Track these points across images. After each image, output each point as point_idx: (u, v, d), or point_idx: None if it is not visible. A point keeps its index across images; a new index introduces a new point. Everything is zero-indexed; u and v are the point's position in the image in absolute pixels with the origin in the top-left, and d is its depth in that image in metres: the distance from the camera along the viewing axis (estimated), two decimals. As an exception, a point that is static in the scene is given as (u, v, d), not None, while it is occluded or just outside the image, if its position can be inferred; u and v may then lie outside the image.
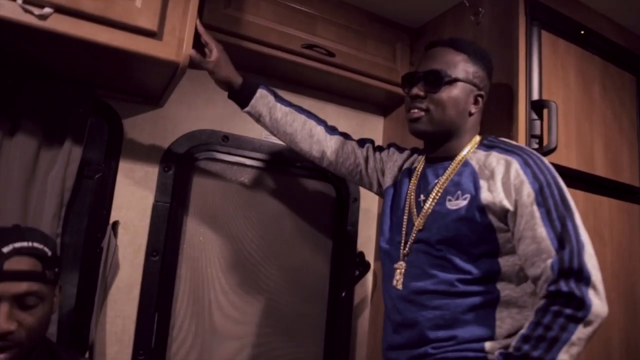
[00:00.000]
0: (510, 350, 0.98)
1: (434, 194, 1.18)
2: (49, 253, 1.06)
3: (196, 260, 1.68)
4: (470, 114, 1.20)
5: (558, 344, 0.93)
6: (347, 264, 1.89)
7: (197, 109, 1.68)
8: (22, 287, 0.97)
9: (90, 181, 1.52)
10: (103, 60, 1.28)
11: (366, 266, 1.85)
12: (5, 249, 0.97)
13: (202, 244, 1.70)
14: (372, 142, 1.49)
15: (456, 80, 1.17)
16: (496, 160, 1.11)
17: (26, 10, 1.06)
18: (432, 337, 1.09)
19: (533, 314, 0.99)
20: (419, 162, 1.32)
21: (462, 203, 1.11)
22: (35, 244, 1.02)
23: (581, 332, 0.94)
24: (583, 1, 1.68)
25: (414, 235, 1.19)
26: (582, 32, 1.65)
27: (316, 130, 1.42)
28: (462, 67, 1.19)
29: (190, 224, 1.68)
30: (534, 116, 1.44)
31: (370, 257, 1.92)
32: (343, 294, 1.83)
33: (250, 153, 1.76)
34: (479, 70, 1.21)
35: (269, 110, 1.37)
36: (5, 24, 1.06)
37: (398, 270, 1.20)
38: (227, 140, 1.71)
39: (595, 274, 0.97)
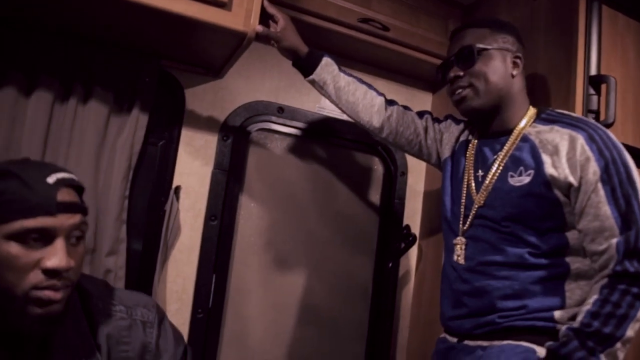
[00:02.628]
0: (578, 325, 1.00)
1: (493, 170, 1.19)
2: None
3: (252, 226, 1.75)
4: (513, 76, 1.21)
5: (627, 321, 0.97)
6: (393, 236, 1.93)
7: (255, 81, 1.74)
8: (75, 219, 0.87)
9: (154, 148, 1.60)
10: (172, 31, 1.34)
11: (412, 239, 1.89)
12: (50, 180, 0.85)
13: (257, 210, 1.77)
14: (430, 113, 1.51)
15: (487, 49, 1.19)
16: (560, 136, 1.11)
17: (109, -20, 1.13)
18: (500, 307, 1.11)
19: (597, 291, 1.01)
20: (475, 136, 1.33)
21: (526, 179, 1.11)
22: (73, 175, 0.92)
23: None
24: (645, -24, 1.65)
25: (474, 211, 1.21)
26: (643, 7, 1.62)
27: (377, 100, 1.45)
28: (490, 37, 1.21)
29: (247, 191, 1.75)
30: (592, 91, 1.44)
31: (415, 230, 1.96)
32: (390, 265, 1.88)
33: (303, 125, 1.81)
34: (506, 36, 1.22)
35: (333, 79, 1.39)
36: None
37: (458, 246, 1.23)
38: (282, 112, 1.76)
39: None
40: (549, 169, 1.08)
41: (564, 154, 1.08)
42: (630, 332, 0.97)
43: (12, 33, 1.34)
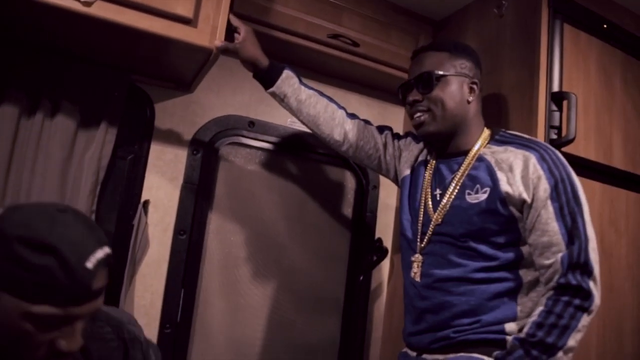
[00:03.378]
0: (524, 336, 1.05)
1: (451, 189, 1.23)
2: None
3: (221, 240, 1.75)
4: (469, 102, 1.26)
5: (568, 331, 1.02)
6: (365, 249, 1.94)
7: (226, 96, 1.75)
8: (100, 302, 0.84)
9: (123, 161, 1.59)
10: (140, 46, 1.35)
11: (384, 252, 1.90)
12: (90, 264, 0.79)
13: (227, 224, 1.76)
14: (390, 129, 1.54)
15: (445, 75, 1.24)
16: (514, 155, 1.17)
17: (73, -3, 1.13)
18: (456, 323, 1.15)
19: (543, 303, 1.06)
20: (432, 157, 1.37)
21: (483, 196, 1.16)
22: (107, 249, 0.85)
23: (585, 320, 1.03)
24: (606, -5, 1.70)
25: (432, 228, 1.24)
26: (605, 25, 1.67)
27: (337, 113, 1.47)
28: (448, 63, 1.26)
29: (217, 206, 1.75)
30: (554, 107, 1.47)
31: (388, 243, 1.97)
32: (361, 278, 1.89)
33: (275, 139, 1.82)
34: (464, 61, 1.27)
35: (293, 92, 1.41)
36: (51, 9, 1.14)
37: (415, 263, 1.26)
38: (253, 126, 1.77)
39: (597, 268, 1.06)
40: (505, 186, 1.13)
41: (518, 172, 1.13)
42: (571, 342, 1.02)
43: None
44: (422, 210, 1.29)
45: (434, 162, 1.34)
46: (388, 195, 2.03)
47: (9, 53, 1.37)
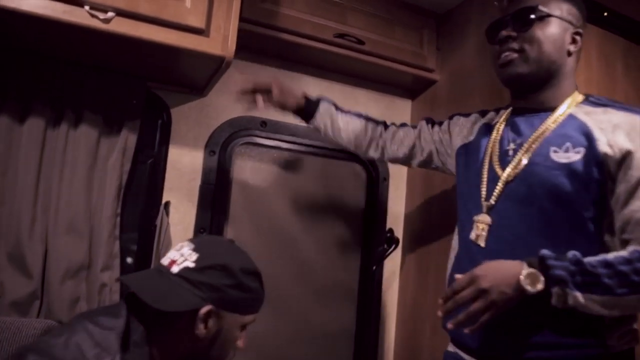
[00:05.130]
0: (585, 260, 0.90)
1: (528, 144, 1.06)
2: None
3: (238, 236, 1.82)
4: (570, 54, 1.09)
5: (633, 288, 0.88)
6: (377, 239, 2.01)
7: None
8: None
9: (144, 166, 1.67)
10: (156, 56, 1.42)
11: (395, 242, 1.96)
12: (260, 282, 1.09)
13: (243, 221, 1.84)
14: (426, 119, 1.52)
15: (549, 15, 1.06)
16: (618, 117, 0.99)
17: (92, 15, 1.21)
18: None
19: (626, 250, 0.92)
20: (502, 117, 1.21)
21: (575, 156, 0.98)
22: None
23: None
24: (606, -17, 1.72)
25: (501, 187, 1.07)
26: (605, 13, 1.70)
27: (372, 133, 1.52)
28: (555, 4, 1.08)
29: (233, 203, 1.82)
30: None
31: (399, 233, 2.04)
32: (374, 268, 1.96)
33: (287, 137, 1.89)
34: (572, 7, 1.10)
35: (331, 122, 1.49)
36: (74, 28, 1.21)
37: (480, 225, 1.09)
38: (266, 126, 1.84)
39: None
40: (603, 147, 0.96)
41: (622, 134, 0.96)
42: (631, 299, 0.88)
43: (4, 59, 1.41)
44: (487, 167, 1.12)
45: (508, 118, 1.17)
46: (397, 187, 2.09)
47: (33, 67, 1.44)
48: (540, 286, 0.90)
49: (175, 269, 0.98)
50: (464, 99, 1.81)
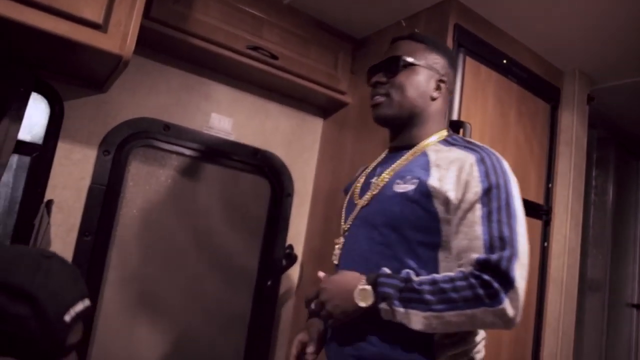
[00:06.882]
0: (414, 277, 0.98)
1: (384, 176, 1.18)
2: None
3: (127, 243, 1.73)
4: (433, 99, 1.20)
5: (451, 305, 0.93)
6: (276, 255, 1.99)
7: (140, 97, 1.73)
8: (73, 356, 0.81)
9: (26, 159, 1.55)
10: (48, 45, 1.32)
11: (293, 258, 1.96)
12: (68, 317, 0.77)
13: (135, 229, 1.75)
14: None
15: (413, 64, 1.18)
16: (455, 155, 1.10)
17: (-30, -7, 1.10)
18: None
19: (453, 271, 0.99)
20: (381, 155, 1.32)
21: (410, 187, 1.09)
22: (88, 301, 0.83)
23: (478, 314, 0.92)
24: (508, 32, 1.84)
25: (356, 211, 1.19)
26: (505, 61, 1.82)
27: None
28: (421, 54, 1.20)
29: (125, 209, 1.73)
30: (451, 134, 1.59)
31: (299, 251, 2.04)
32: (269, 283, 1.94)
33: (190, 144, 1.83)
34: (438, 57, 1.22)
35: None
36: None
37: (337, 246, 1.23)
38: (168, 130, 1.77)
39: (521, 284, 0.93)
40: (433, 181, 1.06)
41: (454, 170, 1.07)
42: (450, 315, 0.93)
43: None
44: (353, 195, 1.25)
45: (383, 157, 1.29)
46: (301, 203, 2.10)
47: None
48: (370, 301, 0.99)
49: None
50: (372, 123, 1.84)
